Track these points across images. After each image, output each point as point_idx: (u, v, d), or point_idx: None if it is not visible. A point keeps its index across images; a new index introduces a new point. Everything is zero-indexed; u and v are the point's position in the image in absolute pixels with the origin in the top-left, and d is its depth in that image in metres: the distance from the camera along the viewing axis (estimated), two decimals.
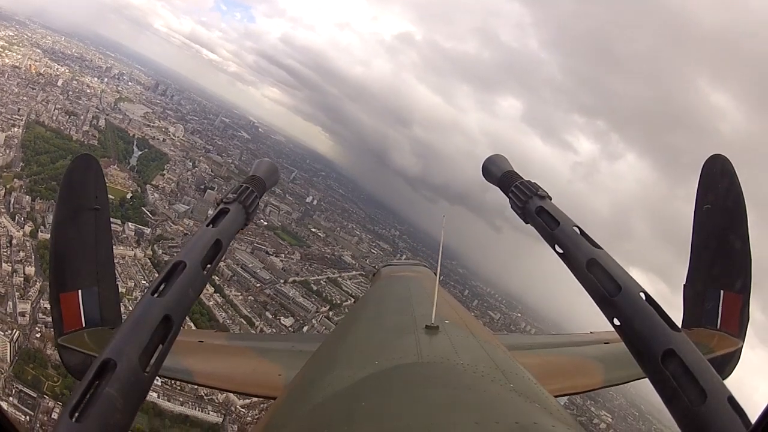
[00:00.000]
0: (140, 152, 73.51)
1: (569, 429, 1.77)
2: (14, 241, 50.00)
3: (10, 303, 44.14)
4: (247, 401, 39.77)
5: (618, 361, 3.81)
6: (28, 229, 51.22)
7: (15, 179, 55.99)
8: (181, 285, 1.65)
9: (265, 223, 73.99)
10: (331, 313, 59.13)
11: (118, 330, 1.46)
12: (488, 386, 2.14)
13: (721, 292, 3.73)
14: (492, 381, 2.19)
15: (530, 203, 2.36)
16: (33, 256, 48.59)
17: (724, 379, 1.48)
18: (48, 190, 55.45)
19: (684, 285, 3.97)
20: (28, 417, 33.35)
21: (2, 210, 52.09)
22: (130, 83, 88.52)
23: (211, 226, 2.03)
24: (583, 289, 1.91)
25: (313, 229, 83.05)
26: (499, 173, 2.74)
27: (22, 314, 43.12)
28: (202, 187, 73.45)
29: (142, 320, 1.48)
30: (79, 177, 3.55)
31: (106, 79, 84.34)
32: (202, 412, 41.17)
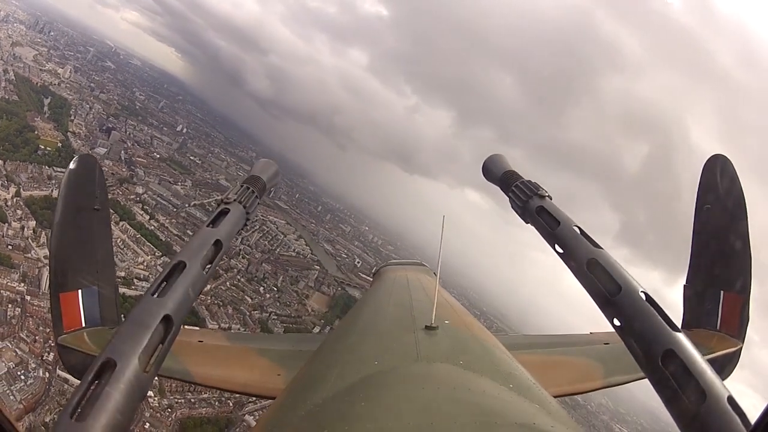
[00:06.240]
0: (47, 100, 75.80)
1: (568, 429, 1.74)
2: (9, 203, 56.07)
3: (32, 252, 51.40)
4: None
5: (618, 361, 3.70)
6: (12, 189, 57.35)
7: None
8: (181, 285, 1.67)
9: (158, 156, 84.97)
10: None
11: (118, 330, 1.48)
12: (488, 386, 2.10)
13: (721, 292, 3.64)
14: (491, 381, 2.16)
15: (530, 203, 2.36)
16: (28, 212, 55.70)
17: (723, 380, 1.48)
18: (6, 151, 60.66)
19: (684, 285, 3.89)
20: None
21: None
22: (15, 24, 79.91)
23: (211, 226, 2.03)
24: (583, 289, 1.89)
25: (191, 158, 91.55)
26: (500, 173, 2.77)
27: (46, 258, 47.68)
28: (105, 128, 79.95)
29: (141, 320, 1.50)
30: (79, 177, 3.52)
31: None
32: None
